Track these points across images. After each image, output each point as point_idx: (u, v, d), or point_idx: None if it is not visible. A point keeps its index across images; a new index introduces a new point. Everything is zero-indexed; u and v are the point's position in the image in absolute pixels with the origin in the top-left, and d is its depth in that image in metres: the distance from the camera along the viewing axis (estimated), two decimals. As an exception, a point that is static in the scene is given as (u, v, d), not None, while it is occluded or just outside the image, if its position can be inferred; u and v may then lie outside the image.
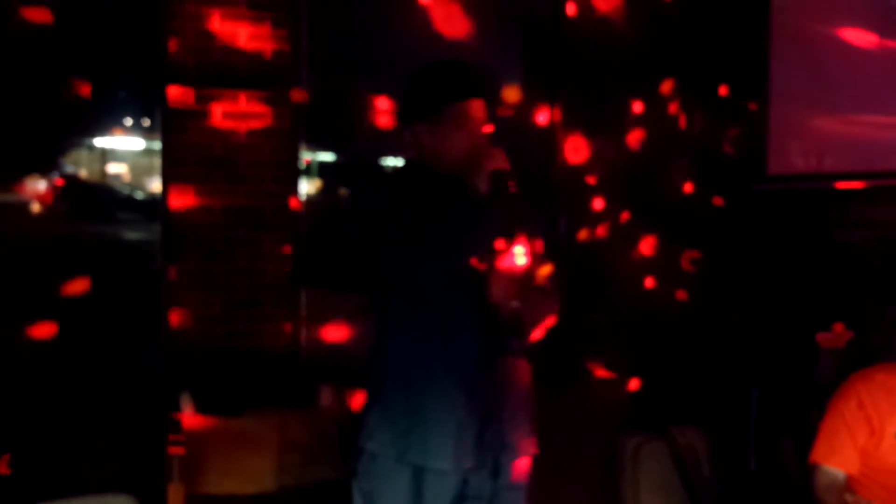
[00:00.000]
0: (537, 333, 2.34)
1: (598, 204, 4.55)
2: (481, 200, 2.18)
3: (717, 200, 4.58)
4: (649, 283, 4.57)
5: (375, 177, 2.48)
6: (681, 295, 4.59)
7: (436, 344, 2.25)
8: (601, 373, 4.44)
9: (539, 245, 2.41)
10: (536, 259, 2.37)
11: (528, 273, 2.34)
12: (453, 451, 2.25)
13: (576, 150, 4.51)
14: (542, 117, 4.52)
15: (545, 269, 2.40)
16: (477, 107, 2.31)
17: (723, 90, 4.59)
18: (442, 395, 2.25)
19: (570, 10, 4.49)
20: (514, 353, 2.36)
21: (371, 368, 2.35)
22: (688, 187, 4.63)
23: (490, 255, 2.25)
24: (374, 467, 2.30)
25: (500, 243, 2.25)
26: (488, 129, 2.33)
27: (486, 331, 2.29)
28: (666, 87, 4.65)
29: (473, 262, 2.24)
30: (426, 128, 2.32)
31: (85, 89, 4.04)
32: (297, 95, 4.07)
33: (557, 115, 4.53)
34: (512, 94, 4.57)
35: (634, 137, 4.59)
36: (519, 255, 2.29)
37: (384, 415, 2.29)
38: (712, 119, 4.61)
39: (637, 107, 4.60)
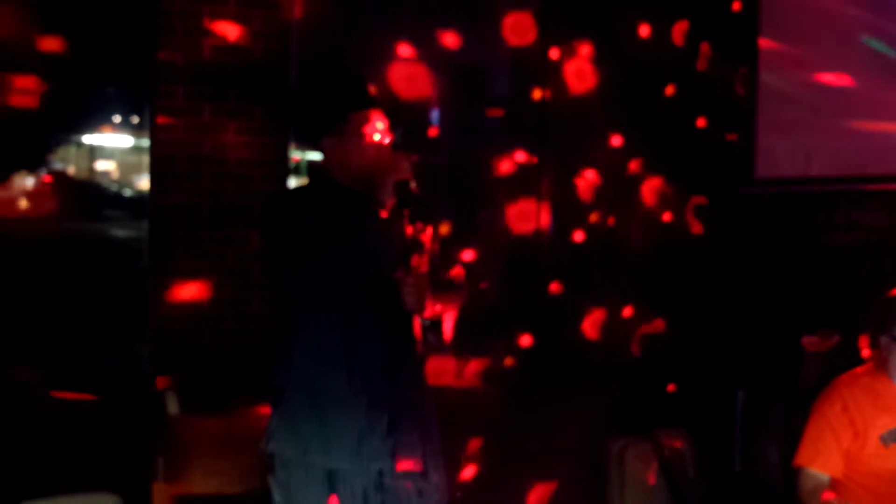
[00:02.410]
0: (451, 328, 2.46)
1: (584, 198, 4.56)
2: (383, 215, 2.27)
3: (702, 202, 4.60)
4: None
5: (281, 193, 2.59)
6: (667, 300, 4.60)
7: (339, 354, 2.33)
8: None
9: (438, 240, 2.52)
10: (445, 257, 2.50)
11: (438, 273, 2.45)
12: (354, 451, 2.33)
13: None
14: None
15: (457, 268, 2.53)
16: (377, 116, 2.42)
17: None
18: (345, 403, 2.33)
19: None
20: (435, 351, 2.48)
21: (276, 374, 2.42)
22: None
23: (400, 265, 2.33)
24: (284, 466, 2.38)
25: (408, 252, 2.33)
26: (389, 138, 2.44)
27: (393, 339, 2.38)
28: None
29: (388, 270, 2.31)
30: (333, 140, 2.41)
31: (74, 86, 4.03)
32: (287, 94, 4.06)
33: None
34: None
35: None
36: (423, 261, 2.38)
37: (287, 418, 2.38)
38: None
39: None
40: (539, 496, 3.98)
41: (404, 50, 4.23)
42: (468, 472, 3.94)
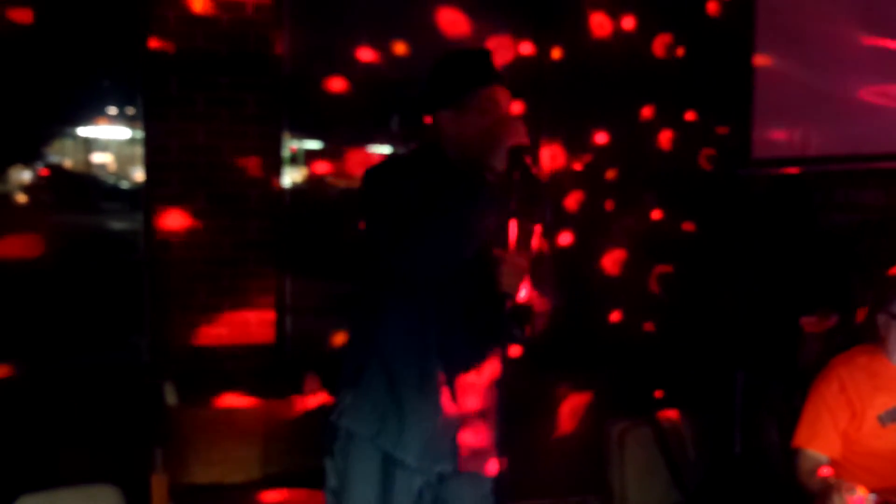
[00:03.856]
0: (542, 323, 2.30)
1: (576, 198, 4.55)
2: (493, 183, 2.14)
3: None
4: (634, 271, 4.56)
5: (387, 165, 2.47)
6: (666, 280, 4.59)
7: (429, 343, 2.24)
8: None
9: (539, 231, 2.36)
10: (542, 246, 2.34)
11: (538, 260, 2.29)
12: (422, 450, 2.26)
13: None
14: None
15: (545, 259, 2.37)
16: (501, 93, 2.31)
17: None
18: (426, 394, 2.25)
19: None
20: (519, 342, 2.31)
21: (354, 352, 2.34)
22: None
23: (502, 241, 2.18)
24: (350, 447, 2.30)
25: (513, 227, 2.17)
26: (512, 112, 2.33)
27: (483, 330, 2.25)
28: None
29: (485, 249, 2.18)
30: (451, 114, 2.31)
31: (68, 79, 4.02)
32: (279, 82, 4.05)
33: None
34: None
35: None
36: (531, 241, 2.24)
37: (365, 395, 2.29)
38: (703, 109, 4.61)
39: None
40: (538, 478, 3.99)
41: (397, 36, 4.22)
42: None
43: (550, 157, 4.49)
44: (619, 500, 3.74)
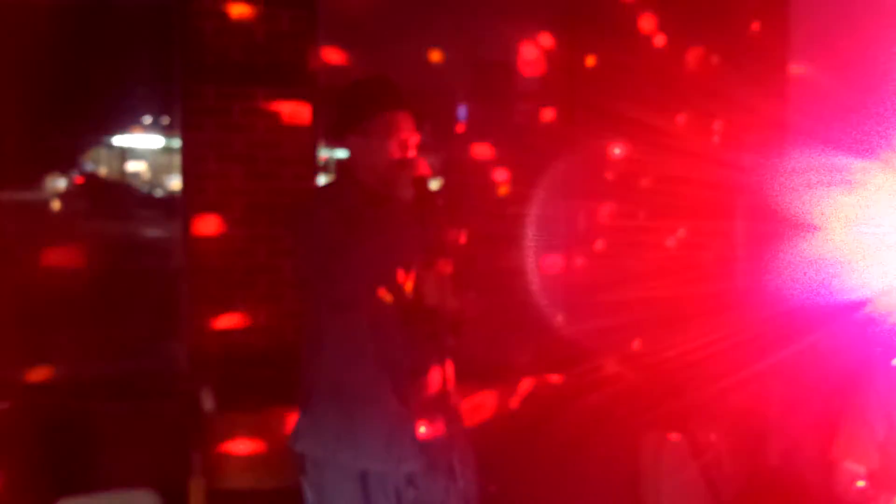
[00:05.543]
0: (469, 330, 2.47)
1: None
2: (406, 210, 2.29)
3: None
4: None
5: (308, 194, 2.63)
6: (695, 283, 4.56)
7: (366, 355, 2.34)
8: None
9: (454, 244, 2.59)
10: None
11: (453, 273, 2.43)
12: (384, 454, 2.34)
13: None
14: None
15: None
16: (403, 118, 2.43)
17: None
18: (374, 403, 2.34)
19: None
20: (449, 351, 2.46)
21: (302, 376, 2.44)
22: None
23: (420, 261, 2.33)
24: (315, 467, 2.41)
25: (427, 248, 2.34)
26: (415, 140, 2.45)
27: (418, 339, 2.37)
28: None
29: (401, 270, 2.32)
30: (358, 140, 2.43)
31: (105, 88, 4.07)
32: (314, 93, 4.08)
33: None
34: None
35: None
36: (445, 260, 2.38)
37: (316, 419, 2.39)
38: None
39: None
40: (570, 490, 3.97)
41: (430, 49, 4.25)
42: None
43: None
44: (652, 512, 3.72)
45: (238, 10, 3.95)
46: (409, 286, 2.33)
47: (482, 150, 4.52)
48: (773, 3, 4.50)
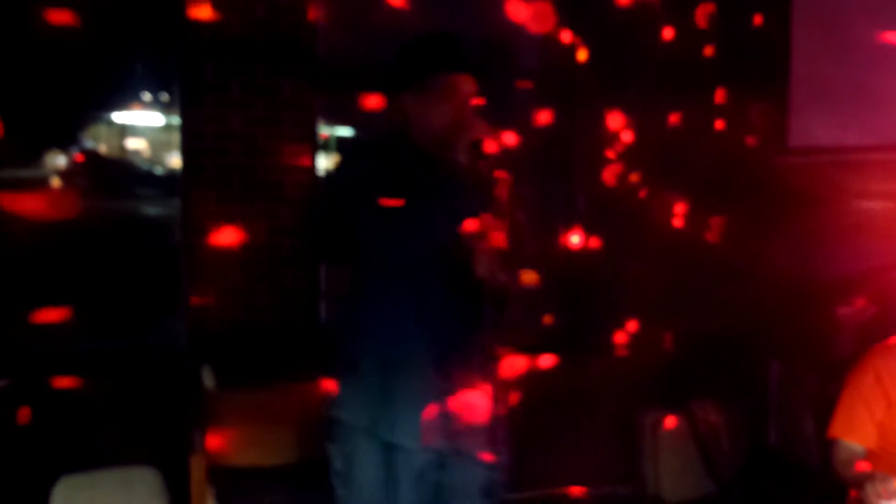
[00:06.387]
0: (514, 304, 2.37)
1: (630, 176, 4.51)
2: (462, 175, 2.18)
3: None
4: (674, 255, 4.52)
5: (356, 150, 2.50)
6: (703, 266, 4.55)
7: (412, 327, 2.28)
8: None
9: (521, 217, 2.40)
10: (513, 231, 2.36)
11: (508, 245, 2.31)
12: (419, 431, 2.29)
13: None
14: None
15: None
16: (465, 81, 2.31)
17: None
18: (416, 378, 2.28)
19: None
20: (496, 326, 2.36)
21: (343, 340, 2.39)
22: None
23: (474, 229, 2.22)
24: (349, 435, 2.37)
25: (482, 217, 2.21)
26: (475, 103, 2.32)
27: (462, 310, 2.30)
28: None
29: (457, 237, 2.21)
30: (412, 97, 2.32)
31: (104, 65, 4.05)
32: (314, 69, 4.06)
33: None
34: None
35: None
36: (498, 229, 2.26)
37: (356, 387, 2.33)
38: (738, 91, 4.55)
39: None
40: (571, 467, 3.99)
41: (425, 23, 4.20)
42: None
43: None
44: (652, 490, 3.74)
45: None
46: (459, 255, 2.22)
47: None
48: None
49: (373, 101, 3.90)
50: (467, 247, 2.20)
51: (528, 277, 2.45)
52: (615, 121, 4.44)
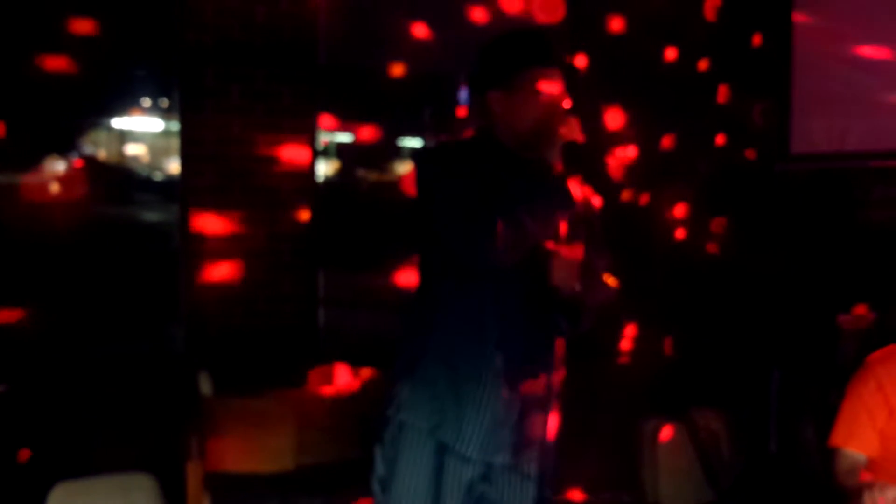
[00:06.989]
0: (593, 319, 2.26)
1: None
2: (557, 180, 2.10)
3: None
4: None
5: (443, 150, 2.43)
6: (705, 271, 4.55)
7: (488, 333, 2.19)
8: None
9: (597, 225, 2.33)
10: (593, 240, 2.28)
11: (588, 255, 2.22)
12: (483, 442, 2.21)
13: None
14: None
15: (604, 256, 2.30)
16: (554, 76, 2.21)
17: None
18: (485, 385, 2.20)
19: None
20: (566, 337, 2.29)
21: (411, 341, 2.28)
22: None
23: (556, 237, 2.14)
24: (402, 436, 2.26)
25: (566, 222, 2.14)
26: (565, 101, 2.24)
27: (539, 320, 2.21)
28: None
29: (543, 244, 2.13)
30: (500, 95, 2.23)
31: (103, 70, 4.05)
32: (314, 74, 4.06)
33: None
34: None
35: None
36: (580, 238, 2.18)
37: (422, 388, 2.24)
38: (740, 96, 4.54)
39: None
40: (570, 474, 3.97)
41: (424, 29, 4.20)
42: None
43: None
44: (651, 497, 3.71)
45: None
46: (540, 261, 2.13)
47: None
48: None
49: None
50: (545, 253, 2.13)
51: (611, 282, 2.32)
52: (614, 123, 4.44)
